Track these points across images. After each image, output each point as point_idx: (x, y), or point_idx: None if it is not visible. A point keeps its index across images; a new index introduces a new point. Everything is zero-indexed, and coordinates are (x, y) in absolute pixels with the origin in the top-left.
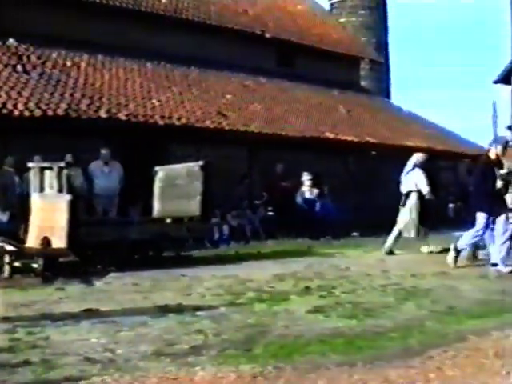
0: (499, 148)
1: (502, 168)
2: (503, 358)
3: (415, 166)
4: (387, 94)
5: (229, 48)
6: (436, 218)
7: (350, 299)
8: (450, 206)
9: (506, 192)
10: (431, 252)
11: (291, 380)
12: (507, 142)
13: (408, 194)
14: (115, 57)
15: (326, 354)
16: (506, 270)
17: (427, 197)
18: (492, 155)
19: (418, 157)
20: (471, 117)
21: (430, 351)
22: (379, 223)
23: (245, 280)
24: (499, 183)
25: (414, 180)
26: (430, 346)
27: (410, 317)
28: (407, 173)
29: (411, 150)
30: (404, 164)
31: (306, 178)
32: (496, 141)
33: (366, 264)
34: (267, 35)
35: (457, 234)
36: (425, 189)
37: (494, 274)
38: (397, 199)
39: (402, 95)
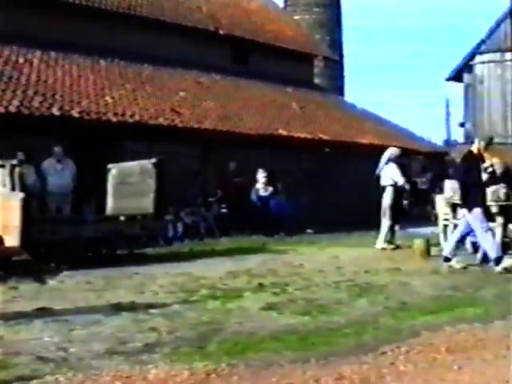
0: (482, 143)
1: (483, 163)
2: (455, 352)
3: (389, 160)
4: (341, 92)
5: (183, 45)
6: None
7: (304, 296)
8: (405, 202)
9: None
10: (384, 249)
11: (244, 377)
12: (491, 138)
13: (384, 189)
14: (68, 54)
15: (280, 351)
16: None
17: (405, 187)
18: (474, 150)
19: (391, 151)
20: (425, 114)
21: (383, 347)
22: (333, 220)
23: (198, 277)
24: (484, 176)
25: (388, 174)
26: (383, 342)
27: (364, 313)
28: (382, 168)
29: (365, 147)
30: (357, 161)
31: (261, 175)
32: (480, 137)
33: (320, 261)
34: (221, 32)
35: (410, 230)
36: (400, 180)
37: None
38: (351, 196)
39: (356, 93)
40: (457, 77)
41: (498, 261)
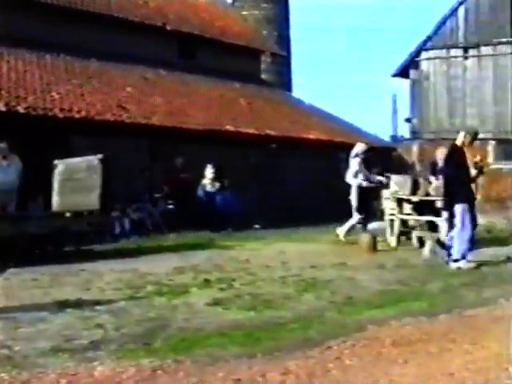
0: (468, 137)
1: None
2: (400, 346)
3: (356, 155)
4: (288, 87)
5: (130, 40)
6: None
7: (250, 291)
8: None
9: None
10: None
11: (190, 373)
12: (476, 133)
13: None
14: (13, 49)
15: (226, 347)
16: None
17: (364, 184)
18: (459, 143)
19: (358, 147)
20: (372, 110)
21: (329, 341)
22: (280, 215)
23: (145, 274)
24: (473, 171)
25: (351, 170)
26: (329, 337)
27: (310, 308)
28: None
29: (311, 143)
30: (304, 156)
31: (209, 171)
32: (466, 130)
33: (266, 256)
34: (168, 28)
35: (357, 226)
36: (354, 181)
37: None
38: (298, 191)
39: (303, 88)
40: (403, 73)
41: (458, 260)
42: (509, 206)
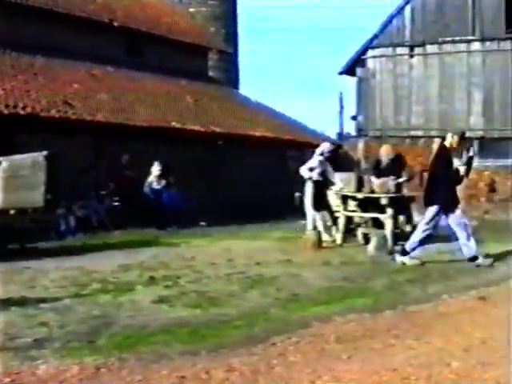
0: (455, 138)
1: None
2: (344, 342)
3: (321, 154)
4: (236, 85)
5: (76, 36)
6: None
7: (195, 288)
8: (297, 195)
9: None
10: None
11: (135, 371)
12: (463, 132)
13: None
14: None
15: (170, 344)
16: (487, 262)
17: (314, 178)
18: (447, 144)
19: (322, 146)
20: (320, 107)
21: (273, 338)
22: (227, 213)
23: (90, 271)
24: (462, 169)
25: (309, 165)
26: (273, 333)
27: (255, 305)
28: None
29: (258, 140)
30: (250, 153)
31: (156, 168)
32: (454, 131)
33: (212, 253)
34: (115, 24)
35: (303, 222)
36: (306, 173)
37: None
38: (245, 188)
39: (251, 86)
40: (350, 71)
41: (405, 253)
42: None
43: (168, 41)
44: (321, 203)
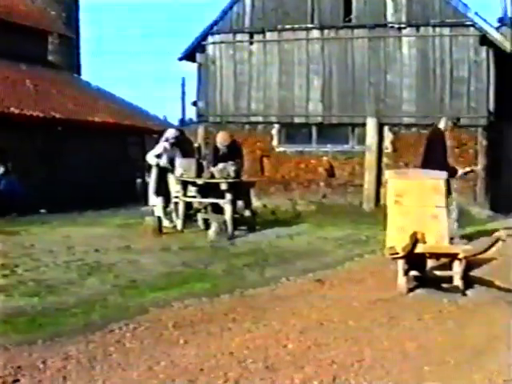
0: (449, 123)
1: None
2: (182, 327)
3: (166, 140)
4: (78, 70)
5: None
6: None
7: (33, 277)
8: (138, 181)
9: None
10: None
11: None
12: (458, 119)
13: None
14: None
15: (8, 334)
16: None
17: (161, 164)
18: (442, 128)
19: (167, 133)
20: (163, 93)
21: (111, 325)
22: (68, 199)
23: None
24: (460, 171)
25: (155, 151)
26: (111, 320)
27: (93, 292)
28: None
29: (99, 126)
30: (91, 139)
31: None
32: (448, 117)
33: (51, 241)
34: None
35: (144, 209)
36: (152, 160)
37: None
38: (86, 174)
39: (94, 71)
40: (190, 56)
41: None
42: (293, 187)
43: (6, 24)
44: (163, 189)
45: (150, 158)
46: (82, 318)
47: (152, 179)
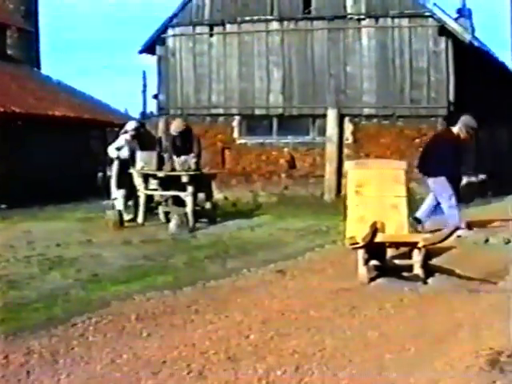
0: (463, 130)
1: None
2: (144, 320)
3: (125, 132)
4: (37, 64)
5: None
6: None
7: None
8: (99, 175)
9: None
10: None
11: None
12: (473, 128)
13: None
14: None
15: None
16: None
17: (122, 157)
18: (455, 131)
19: (127, 125)
20: (125, 86)
21: (74, 319)
22: (28, 194)
23: None
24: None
25: (116, 144)
26: (74, 314)
27: (55, 286)
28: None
29: (59, 120)
30: (52, 133)
31: None
32: (464, 123)
33: (12, 236)
34: None
35: (105, 202)
36: (113, 153)
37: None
38: (46, 169)
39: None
40: (150, 49)
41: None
42: (254, 179)
43: None
44: (125, 182)
45: (111, 150)
46: (44, 312)
47: (113, 172)
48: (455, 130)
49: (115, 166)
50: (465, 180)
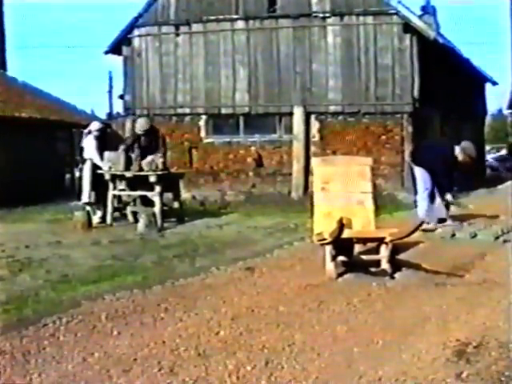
0: (461, 155)
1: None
2: (115, 319)
3: (89, 132)
4: (3, 65)
5: None
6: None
7: None
8: (67, 176)
9: None
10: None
11: None
12: (470, 156)
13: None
14: None
15: None
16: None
17: (98, 163)
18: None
19: (92, 125)
20: (92, 88)
21: (44, 319)
22: None
23: None
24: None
25: (88, 148)
26: (44, 315)
27: (25, 288)
28: (83, 140)
29: (25, 122)
30: (18, 135)
31: None
32: (464, 149)
33: None
34: None
35: (73, 204)
36: (95, 158)
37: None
38: (14, 171)
39: (20, 65)
40: (116, 50)
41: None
42: (222, 178)
43: None
44: (95, 183)
45: (105, 165)
46: (14, 313)
47: (85, 173)
48: (456, 151)
49: (87, 166)
50: None
